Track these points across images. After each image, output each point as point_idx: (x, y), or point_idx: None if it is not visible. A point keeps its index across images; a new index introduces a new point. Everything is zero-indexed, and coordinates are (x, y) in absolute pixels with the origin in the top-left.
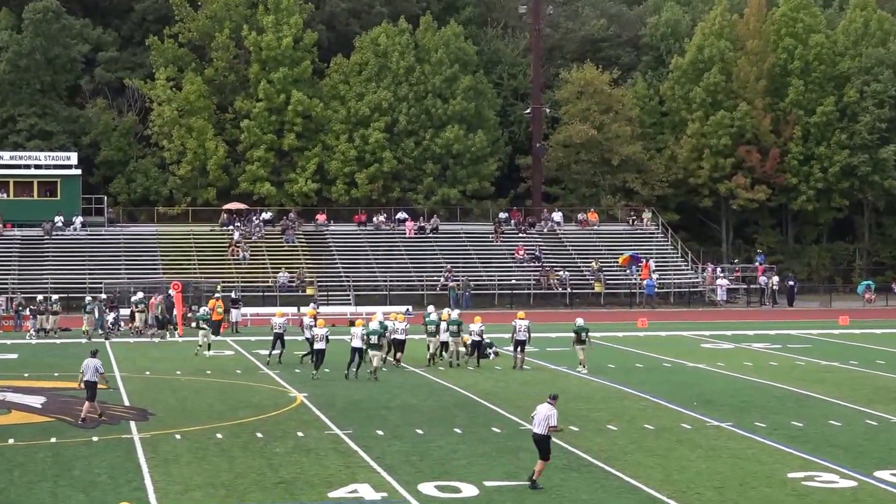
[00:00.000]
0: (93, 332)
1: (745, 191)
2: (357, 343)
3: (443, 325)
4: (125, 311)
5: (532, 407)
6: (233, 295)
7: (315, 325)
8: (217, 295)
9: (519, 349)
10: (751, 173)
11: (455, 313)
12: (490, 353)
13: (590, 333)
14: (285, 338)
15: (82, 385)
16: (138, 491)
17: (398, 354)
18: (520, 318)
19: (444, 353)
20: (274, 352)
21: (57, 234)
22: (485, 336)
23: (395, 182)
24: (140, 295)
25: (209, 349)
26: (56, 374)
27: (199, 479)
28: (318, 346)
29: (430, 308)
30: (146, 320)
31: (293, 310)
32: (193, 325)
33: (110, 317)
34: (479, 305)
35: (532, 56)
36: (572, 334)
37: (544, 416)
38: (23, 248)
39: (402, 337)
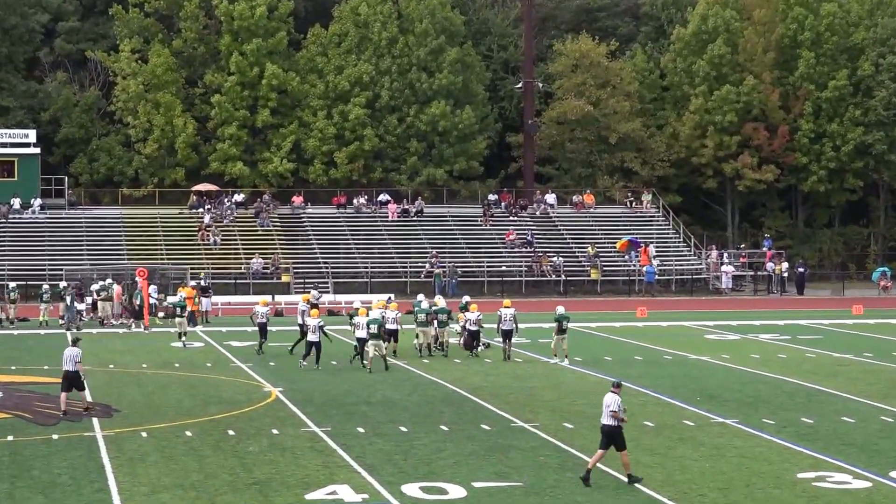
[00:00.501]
0: (68, 321)
1: (752, 171)
2: (362, 333)
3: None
4: (88, 300)
5: (523, 402)
6: (202, 282)
7: (308, 314)
8: (192, 283)
9: (507, 340)
10: (758, 152)
11: (442, 302)
12: (479, 346)
13: (570, 323)
14: (268, 328)
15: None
16: (101, 492)
17: (393, 346)
18: (505, 307)
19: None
20: (261, 343)
21: (14, 218)
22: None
23: (376, 162)
24: (106, 282)
25: (182, 338)
26: (13, 368)
27: (166, 480)
28: (311, 337)
29: (421, 297)
30: (112, 309)
31: (284, 298)
32: (161, 315)
33: (80, 306)
34: (466, 293)
35: (524, 26)
36: (553, 324)
37: (609, 405)
38: None
39: (393, 326)
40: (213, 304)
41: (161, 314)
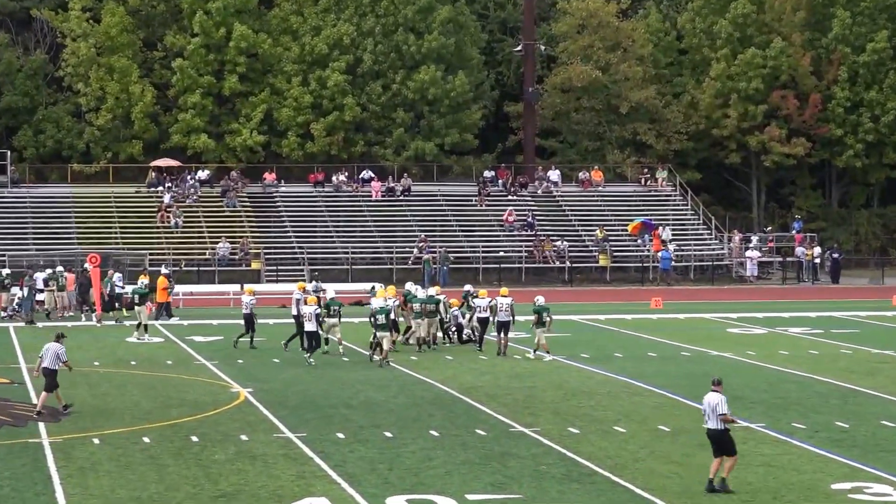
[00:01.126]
0: (25, 312)
1: (780, 144)
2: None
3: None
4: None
5: (523, 404)
6: (163, 270)
7: (304, 302)
8: (164, 271)
9: (502, 332)
10: (787, 123)
11: (433, 290)
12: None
13: (552, 314)
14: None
15: (39, 372)
16: None
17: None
18: (501, 296)
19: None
20: (244, 338)
21: None
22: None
23: (358, 134)
24: (57, 269)
25: (141, 332)
26: None
27: (121, 493)
28: (308, 327)
29: (411, 286)
30: (64, 301)
31: (255, 288)
32: (117, 307)
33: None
34: (459, 282)
35: None
36: (532, 315)
37: (712, 405)
38: None
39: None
40: (174, 295)
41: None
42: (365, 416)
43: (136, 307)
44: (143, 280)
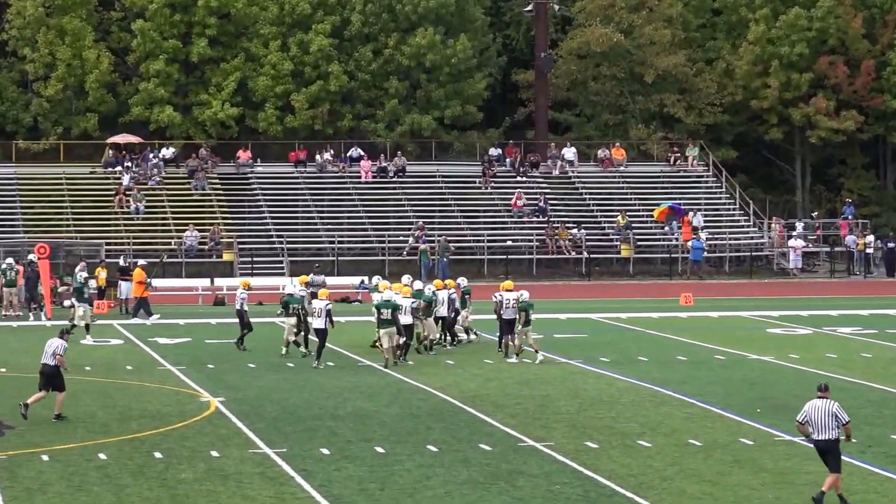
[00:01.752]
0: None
1: (828, 118)
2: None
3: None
4: None
5: (533, 414)
6: (121, 262)
7: (310, 296)
8: (141, 262)
9: (508, 332)
10: (835, 94)
11: (422, 286)
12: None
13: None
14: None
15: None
16: None
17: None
18: (505, 290)
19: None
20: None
21: None
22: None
23: (345, 107)
24: (6, 262)
25: (88, 333)
26: None
27: None
28: (316, 324)
29: (410, 279)
30: (14, 296)
31: (226, 282)
32: (67, 302)
33: None
34: (461, 274)
35: None
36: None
37: (831, 412)
38: None
39: (408, 319)
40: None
41: (67, 302)
42: (353, 429)
43: (76, 304)
44: (82, 273)
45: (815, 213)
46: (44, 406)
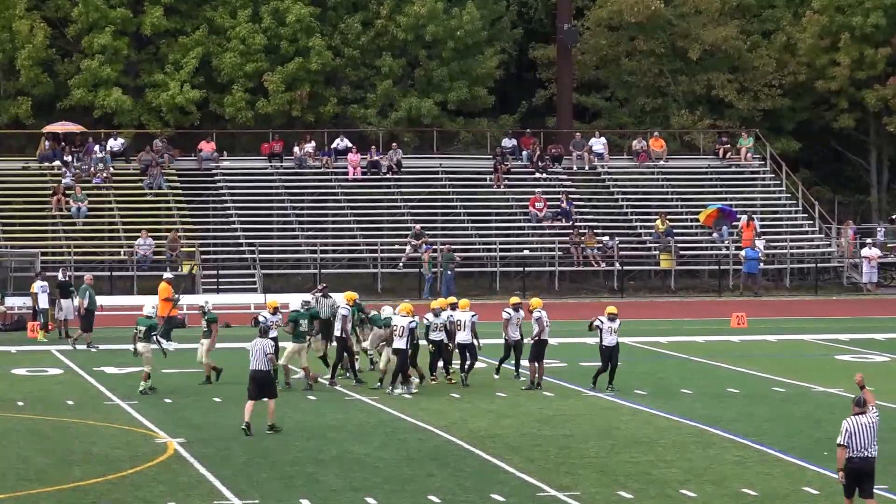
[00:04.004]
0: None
1: None
2: (400, 344)
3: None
4: None
5: (556, 459)
6: (60, 276)
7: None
8: (166, 276)
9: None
10: None
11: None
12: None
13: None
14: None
15: None
16: None
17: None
18: (512, 307)
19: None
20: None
21: None
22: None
23: (329, 89)
24: None
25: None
26: None
27: None
28: (397, 343)
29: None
30: None
31: (188, 299)
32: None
33: None
34: (468, 290)
35: None
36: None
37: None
38: None
39: (467, 337)
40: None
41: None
42: (339, 477)
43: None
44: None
45: (894, 217)
46: None
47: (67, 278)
